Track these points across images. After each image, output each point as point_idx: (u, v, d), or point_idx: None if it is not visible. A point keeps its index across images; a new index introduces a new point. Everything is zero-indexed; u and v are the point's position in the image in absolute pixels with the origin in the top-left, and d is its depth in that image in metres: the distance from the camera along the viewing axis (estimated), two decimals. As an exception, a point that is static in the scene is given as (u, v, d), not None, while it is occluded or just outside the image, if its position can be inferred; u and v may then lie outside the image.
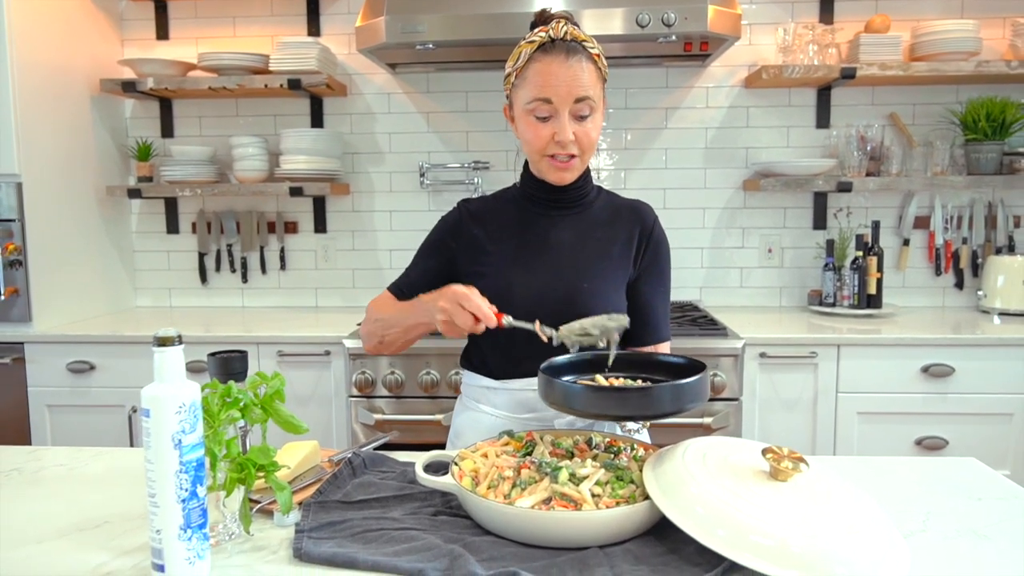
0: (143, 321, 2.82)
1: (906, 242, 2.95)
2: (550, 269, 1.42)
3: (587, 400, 1.09)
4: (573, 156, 1.37)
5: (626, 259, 1.46)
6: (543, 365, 1.20)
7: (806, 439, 2.43)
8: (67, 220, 2.74)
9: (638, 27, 2.33)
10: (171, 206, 3.14)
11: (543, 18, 1.38)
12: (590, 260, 1.43)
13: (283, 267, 3.13)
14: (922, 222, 2.95)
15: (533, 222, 1.47)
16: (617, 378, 1.25)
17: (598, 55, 1.36)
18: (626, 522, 0.96)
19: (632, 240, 1.47)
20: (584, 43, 1.34)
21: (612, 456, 1.13)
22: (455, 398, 2.35)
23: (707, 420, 2.31)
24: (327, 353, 2.49)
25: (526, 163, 1.48)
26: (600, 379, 1.25)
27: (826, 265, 2.83)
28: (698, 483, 0.95)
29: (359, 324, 1.88)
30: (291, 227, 3.13)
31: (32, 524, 1.09)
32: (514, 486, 1.03)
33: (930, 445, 2.40)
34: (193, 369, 2.46)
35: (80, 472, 1.30)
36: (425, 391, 2.38)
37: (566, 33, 1.33)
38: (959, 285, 2.97)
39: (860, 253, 2.77)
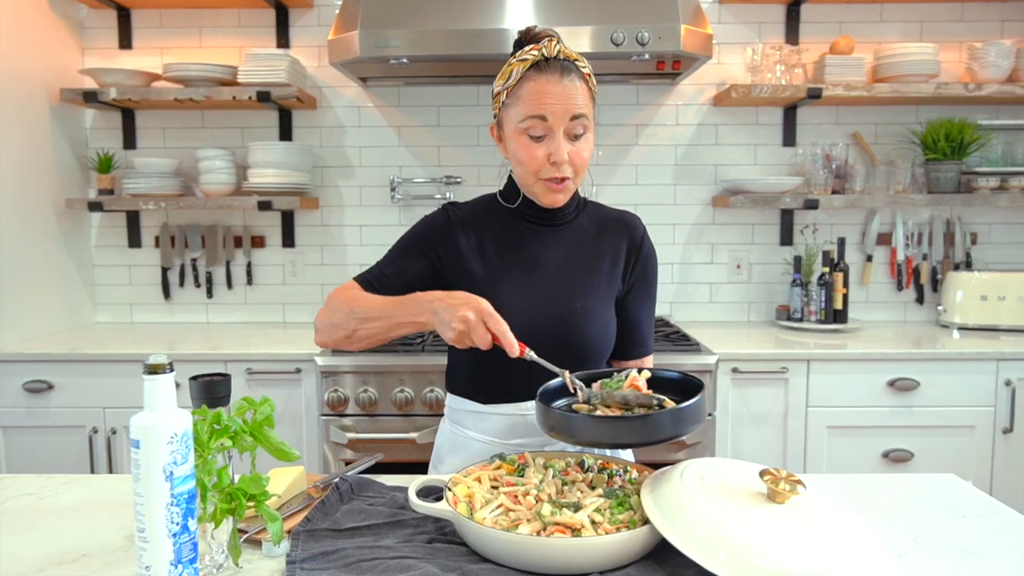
0: (104, 338, 2.73)
1: (869, 258, 3.02)
2: (542, 288, 1.38)
3: (589, 428, 1.10)
4: (566, 178, 1.32)
5: (615, 275, 1.43)
6: (541, 390, 1.19)
7: (777, 454, 2.46)
8: (23, 234, 2.64)
9: (613, 45, 2.35)
10: (133, 219, 3.06)
11: (530, 36, 1.34)
12: (581, 277, 1.40)
13: (250, 282, 3.07)
14: (884, 239, 3.03)
15: (521, 237, 1.42)
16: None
17: (589, 74, 1.34)
18: (627, 547, 0.96)
19: (621, 254, 1.44)
20: (576, 62, 1.32)
21: (607, 479, 1.12)
22: (430, 416, 2.35)
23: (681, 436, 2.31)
24: (297, 371, 2.44)
25: (510, 177, 1.43)
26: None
27: (793, 281, 2.88)
28: (697, 505, 0.95)
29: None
30: (258, 241, 3.07)
31: (6, 558, 1.04)
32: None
33: (896, 458, 2.44)
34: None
35: (52, 501, 1.24)
36: (399, 409, 2.35)
37: (559, 52, 1.30)
38: (920, 300, 3.04)
39: (826, 269, 2.82)
